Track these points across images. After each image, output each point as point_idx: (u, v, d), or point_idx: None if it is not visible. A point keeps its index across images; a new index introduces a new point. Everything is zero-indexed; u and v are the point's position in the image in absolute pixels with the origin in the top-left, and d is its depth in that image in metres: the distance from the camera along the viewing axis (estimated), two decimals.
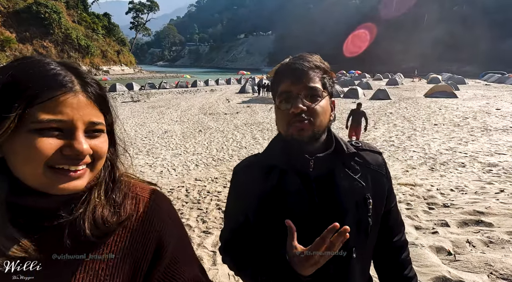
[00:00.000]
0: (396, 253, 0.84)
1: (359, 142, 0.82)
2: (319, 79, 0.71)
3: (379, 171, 0.78)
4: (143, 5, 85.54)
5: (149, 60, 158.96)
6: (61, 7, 50.70)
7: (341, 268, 0.73)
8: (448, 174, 5.41)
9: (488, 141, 7.74)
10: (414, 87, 25.31)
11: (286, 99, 0.70)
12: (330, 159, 0.74)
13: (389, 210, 0.82)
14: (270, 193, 0.73)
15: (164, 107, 16.20)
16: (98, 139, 0.50)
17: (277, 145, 0.78)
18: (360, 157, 0.77)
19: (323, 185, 0.73)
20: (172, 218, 0.59)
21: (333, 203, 0.71)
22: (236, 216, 0.82)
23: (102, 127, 0.50)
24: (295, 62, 0.71)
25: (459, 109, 13.06)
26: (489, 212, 3.09)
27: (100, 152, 0.50)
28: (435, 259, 2.16)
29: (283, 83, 0.71)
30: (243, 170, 0.82)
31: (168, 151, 7.91)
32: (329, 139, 0.77)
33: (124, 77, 48.02)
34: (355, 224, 0.71)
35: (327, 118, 0.73)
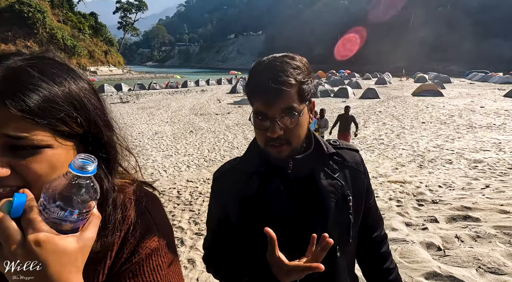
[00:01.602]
0: (376, 247, 0.86)
1: (337, 141, 0.83)
2: (295, 95, 0.65)
3: (357, 168, 0.79)
4: (131, 4, 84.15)
5: (138, 61, 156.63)
6: (46, 6, 49.32)
7: (326, 268, 0.72)
8: (436, 170, 5.54)
9: (473, 138, 7.97)
10: (402, 86, 25.83)
11: (261, 119, 0.67)
12: (309, 159, 0.74)
13: (369, 206, 0.83)
14: (251, 197, 0.73)
15: (154, 108, 15.98)
16: (31, 158, 0.40)
17: (256, 149, 0.77)
18: (338, 156, 0.78)
19: (304, 185, 0.73)
20: (162, 231, 0.55)
21: (314, 203, 0.72)
22: (218, 223, 0.82)
23: (37, 143, 0.40)
24: (269, 80, 0.63)
25: (445, 108, 13.41)
26: (476, 207, 3.18)
27: (31, 174, 0.40)
28: (425, 255, 2.20)
29: (256, 101, 0.66)
30: (223, 176, 0.81)
31: (158, 152, 7.81)
32: (308, 140, 0.76)
33: (113, 78, 47.12)
34: (337, 222, 0.72)
35: (305, 130, 0.72)
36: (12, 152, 0.39)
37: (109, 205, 0.49)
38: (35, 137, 0.40)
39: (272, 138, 0.66)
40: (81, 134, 0.46)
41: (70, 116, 0.43)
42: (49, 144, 0.41)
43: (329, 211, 0.71)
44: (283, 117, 0.65)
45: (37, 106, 0.40)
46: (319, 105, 15.46)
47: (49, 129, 0.41)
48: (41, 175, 0.41)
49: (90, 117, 0.46)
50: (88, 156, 0.39)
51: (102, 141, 0.49)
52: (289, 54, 0.69)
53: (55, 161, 0.42)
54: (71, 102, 0.44)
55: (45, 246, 0.36)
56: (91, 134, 0.47)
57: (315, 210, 0.71)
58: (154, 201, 0.58)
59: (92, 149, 0.48)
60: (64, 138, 0.43)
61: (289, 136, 0.67)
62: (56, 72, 0.44)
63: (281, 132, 0.65)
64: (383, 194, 4.49)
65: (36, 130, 0.40)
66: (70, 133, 0.44)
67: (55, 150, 0.42)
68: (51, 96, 0.42)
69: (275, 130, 0.65)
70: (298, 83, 0.65)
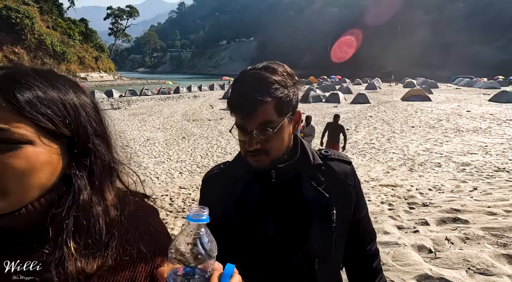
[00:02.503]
0: (367, 262, 0.85)
1: (328, 151, 0.81)
2: (273, 109, 0.65)
3: (347, 181, 0.77)
4: (122, 11, 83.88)
5: (129, 67, 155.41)
6: (34, 12, 48.67)
7: (302, 281, 0.72)
8: (426, 174, 5.66)
9: (461, 141, 8.18)
10: (392, 91, 26.40)
11: (241, 131, 0.69)
12: (294, 168, 0.73)
13: (359, 220, 0.82)
14: (234, 203, 0.73)
15: (146, 115, 15.84)
16: (10, 153, 0.39)
17: (242, 156, 0.77)
18: (327, 167, 0.76)
19: (286, 195, 0.72)
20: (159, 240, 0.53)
21: (296, 214, 0.71)
22: None
23: (18, 138, 0.39)
24: (246, 95, 0.65)
25: (434, 112, 13.75)
26: (464, 209, 3.25)
27: (8, 169, 0.38)
28: (417, 258, 2.23)
29: (236, 114, 0.68)
30: (210, 179, 0.82)
31: (150, 159, 7.72)
32: (294, 148, 0.76)
33: (103, 84, 46.57)
34: (318, 235, 0.70)
35: (286, 142, 0.71)
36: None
37: (96, 220, 0.45)
38: (16, 131, 0.38)
39: (250, 150, 0.67)
40: (68, 138, 0.44)
41: (57, 115, 0.42)
42: (30, 140, 0.40)
43: (311, 223, 0.70)
44: (259, 131, 0.66)
45: (26, 100, 0.40)
46: (311, 110, 15.63)
47: (32, 125, 0.40)
48: (19, 171, 0.39)
49: (79, 122, 0.45)
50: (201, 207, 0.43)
51: (88, 149, 0.47)
52: (272, 65, 0.68)
53: (34, 159, 0.40)
54: (63, 104, 0.43)
55: None
56: (78, 140, 0.45)
57: (295, 221, 0.70)
58: (155, 216, 0.56)
59: (77, 157, 0.46)
60: (48, 138, 0.42)
61: (267, 148, 0.68)
62: (58, 80, 0.45)
63: (258, 145, 0.66)
64: (375, 197, 4.55)
65: (19, 123, 0.39)
66: (55, 133, 0.42)
67: (36, 148, 0.40)
68: (44, 97, 0.42)
69: (252, 144, 0.66)
70: (275, 99, 0.65)
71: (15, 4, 45.12)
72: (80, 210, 0.44)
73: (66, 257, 0.41)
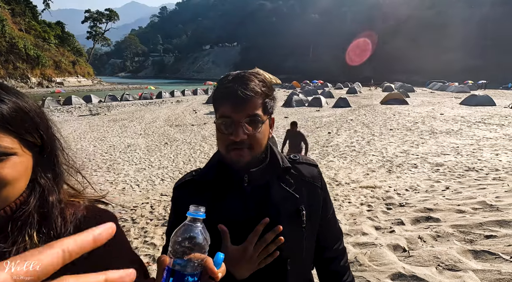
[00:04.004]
0: (335, 261, 0.87)
1: (297, 156, 0.85)
2: (260, 105, 0.70)
3: (314, 183, 0.81)
4: (101, 14, 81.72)
5: (109, 72, 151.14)
6: (5, 15, 46.39)
7: (276, 280, 0.74)
8: (403, 175, 5.88)
9: (435, 143, 8.58)
10: (371, 95, 27.33)
11: (226, 123, 0.70)
12: (264, 172, 0.75)
13: (326, 220, 0.85)
14: (206, 209, 0.74)
15: (126, 120, 15.42)
16: (0, 164, 0.44)
17: (215, 161, 0.79)
18: (295, 170, 0.80)
19: (258, 198, 0.75)
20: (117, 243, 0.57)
21: (268, 216, 0.72)
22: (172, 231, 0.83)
23: (6, 150, 0.44)
24: (238, 88, 0.68)
25: (410, 115, 14.36)
26: (436, 208, 3.41)
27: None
28: (392, 257, 2.31)
29: (223, 106, 0.70)
30: (180, 187, 0.82)
31: (131, 166, 7.51)
32: (265, 153, 0.79)
33: (81, 89, 44.94)
34: (289, 236, 0.72)
35: (266, 140, 0.75)
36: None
37: (58, 217, 0.51)
38: (4, 144, 0.44)
39: (234, 142, 0.69)
40: (39, 146, 0.50)
41: (33, 127, 0.48)
42: (16, 152, 0.45)
43: (282, 225, 0.72)
44: (248, 122, 0.69)
45: (9, 114, 0.45)
46: (294, 114, 15.85)
47: (16, 138, 0.46)
48: (8, 179, 0.44)
49: (46, 131, 0.51)
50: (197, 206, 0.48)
51: (52, 155, 0.53)
52: (254, 73, 0.75)
53: (19, 168, 0.46)
54: (31, 115, 0.48)
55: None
56: (45, 148, 0.51)
57: (268, 224, 0.71)
58: (109, 216, 0.60)
59: (41, 161, 0.51)
60: (27, 148, 0.47)
61: (252, 142, 0.70)
62: (12, 90, 0.49)
63: (245, 136, 0.68)
64: (355, 199, 4.67)
65: (5, 138, 0.44)
66: (32, 143, 0.48)
67: (20, 157, 0.46)
68: (17, 108, 0.46)
69: (239, 134, 0.68)
70: (264, 95, 0.71)
71: None
72: (47, 208, 0.50)
73: (28, 247, 0.46)
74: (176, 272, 0.43)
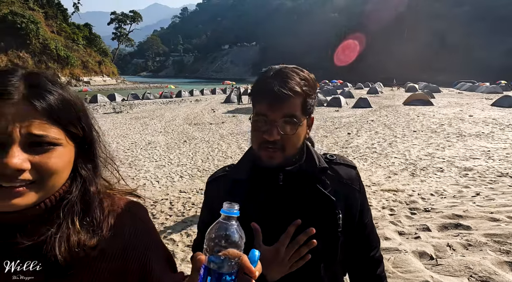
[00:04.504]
0: (371, 269, 0.83)
1: (334, 155, 0.81)
2: (299, 104, 0.67)
3: (352, 185, 0.77)
4: (125, 16, 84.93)
5: (132, 71, 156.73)
6: (39, 18, 49.42)
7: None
8: (428, 178, 5.60)
9: (463, 146, 8.12)
10: (393, 95, 26.38)
11: (261, 121, 0.68)
12: (300, 172, 0.72)
13: (363, 225, 0.80)
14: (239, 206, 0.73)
15: (147, 118, 15.90)
16: (46, 154, 0.45)
17: (249, 157, 0.77)
18: (332, 171, 0.76)
19: (292, 199, 0.72)
20: (147, 230, 0.60)
21: (302, 217, 0.70)
22: (204, 225, 0.84)
23: (51, 140, 0.45)
24: (276, 84, 0.65)
25: (436, 117, 13.69)
26: (467, 215, 3.21)
27: (46, 168, 0.45)
28: (418, 264, 2.19)
29: (260, 103, 0.68)
30: (213, 182, 0.82)
31: (151, 163, 7.72)
32: (301, 153, 0.75)
33: (106, 88, 46.93)
34: (323, 239, 0.69)
35: (301, 141, 0.72)
36: (30, 149, 0.44)
37: (97, 207, 0.53)
38: (52, 135, 0.46)
39: (267, 141, 0.66)
40: (81, 138, 0.51)
41: (77, 119, 0.50)
42: (61, 142, 0.47)
43: (317, 228, 0.69)
44: (283, 123, 0.66)
45: (56, 106, 0.46)
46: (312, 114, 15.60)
47: (62, 129, 0.47)
48: (54, 169, 0.46)
49: (87, 123, 0.53)
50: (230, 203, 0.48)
51: (93, 146, 0.54)
52: (299, 68, 0.72)
53: (64, 158, 0.48)
54: (75, 107, 0.50)
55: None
56: (86, 140, 0.52)
57: (302, 225, 0.69)
58: (142, 209, 0.62)
59: (83, 152, 0.53)
60: (70, 139, 0.49)
61: (285, 143, 0.67)
62: (57, 81, 0.51)
63: (278, 137, 0.66)
64: (376, 202, 4.51)
65: (53, 129, 0.46)
66: (75, 135, 0.50)
67: (64, 148, 0.48)
68: (63, 99, 0.48)
69: (273, 134, 0.65)
70: (304, 94, 0.67)
71: (20, 9, 45.89)
72: (88, 197, 0.52)
73: (71, 233, 0.48)
74: (213, 271, 0.42)
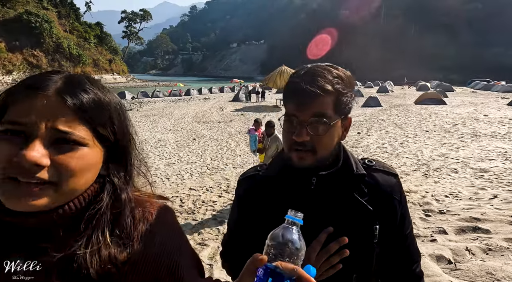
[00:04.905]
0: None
1: (372, 161, 0.76)
2: (331, 103, 0.63)
3: (391, 194, 0.72)
4: (135, 14, 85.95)
5: (141, 69, 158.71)
6: (53, 17, 50.48)
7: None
8: (442, 180, 5.47)
9: (478, 146, 7.89)
10: (404, 94, 25.87)
11: (290, 122, 0.65)
12: (335, 177, 0.68)
13: (403, 237, 0.75)
14: (268, 207, 0.70)
15: (157, 116, 16.07)
16: (69, 153, 0.42)
17: (281, 158, 0.74)
18: (371, 178, 0.72)
19: (326, 205, 0.68)
20: (177, 238, 0.58)
21: (334, 224, 0.66)
22: (234, 227, 0.83)
23: (76, 139, 0.43)
24: (305, 83, 0.62)
25: (449, 116, 13.36)
26: (485, 218, 3.11)
27: (66, 168, 0.42)
28: (436, 268, 2.13)
29: (289, 104, 0.65)
30: (244, 181, 0.81)
31: (161, 160, 7.79)
32: (337, 156, 0.72)
33: (116, 86, 47.67)
34: (358, 250, 0.66)
35: (334, 144, 0.68)
36: (54, 145, 0.42)
37: (129, 216, 0.51)
38: (78, 134, 0.43)
39: (297, 142, 0.64)
40: (111, 142, 0.49)
41: (109, 122, 0.48)
42: (87, 143, 0.44)
43: (350, 237, 0.66)
44: (312, 123, 0.63)
45: (87, 104, 0.44)
46: None
47: (90, 129, 0.45)
48: (75, 170, 0.43)
49: (121, 127, 0.50)
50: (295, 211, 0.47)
51: (126, 153, 0.52)
52: (335, 66, 0.68)
53: (89, 160, 0.45)
54: (109, 110, 0.48)
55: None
56: (119, 144, 0.50)
57: (334, 234, 0.65)
58: (172, 215, 0.61)
59: (114, 159, 0.51)
60: (99, 141, 0.46)
61: (315, 145, 0.64)
62: (97, 83, 0.50)
63: (307, 138, 0.63)
64: None
65: (80, 128, 0.43)
66: (105, 138, 0.47)
67: (90, 150, 0.45)
68: (97, 100, 0.46)
69: (301, 134, 0.62)
70: (336, 92, 0.63)
71: (35, 9, 46.99)
72: (119, 207, 0.50)
73: (101, 246, 0.45)
74: (276, 273, 0.42)
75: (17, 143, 0.40)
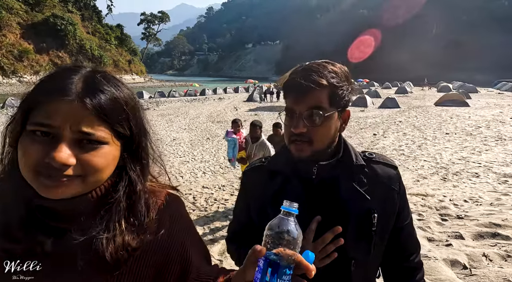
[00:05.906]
0: (410, 274, 0.80)
1: (373, 153, 0.79)
2: (326, 96, 0.67)
3: (391, 186, 0.75)
4: (154, 16, 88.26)
5: (159, 70, 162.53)
6: (77, 19, 52.80)
7: (340, 279, 0.72)
8: (461, 184, 5.26)
9: (503, 150, 7.50)
10: (424, 95, 24.99)
11: (289, 115, 0.70)
12: (335, 167, 0.72)
13: (402, 228, 0.77)
14: (272, 197, 0.74)
15: (173, 115, 16.43)
16: (92, 152, 0.47)
17: (285, 151, 0.78)
18: (370, 169, 0.74)
19: (325, 193, 0.72)
20: (183, 223, 0.62)
21: (333, 212, 0.70)
22: (240, 216, 0.88)
23: (98, 139, 0.47)
24: (301, 77, 0.66)
25: (471, 118, 12.78)
26: (506, 224, 2.97)
27: (90, 165, 0.46)
28: (450, 273, 2.07)
29: (287, 98, 0.70)
30: (249, 173, 0.85)
31: (176, 158, 7.97)
32: (338, 147, 0.75)
33: (135, 86, 49.10)
34: (355, 236, 0.69)
35: (331, 135, 0.71)
36: (79, 145, 0.46)
37: (142, 206, 0.54)
38: (99, 134, 0.47)
39: (295, 134, 0.67)
40: (127, 138, 0.52)
41: (126, 119, 0.50)
42: (107, 141, 0.48)
43: (348, 224, 0.69)
44: (308, 115, 0.66)
45: (106, 105, 0.47)
46: None
47: (109, 128, 0.48)
48: (98, 167, 0.47)
49: (137, 124, 0.53)
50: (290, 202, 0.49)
51: (141, 147, 0.55)
52: (331, 62, 0.72)
53: (109, 157, 0.49)
54: (125, 108, 0.50)
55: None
56: (135, 139, 0.53)
57: (333, 220, 0.69)
58: (182, 205, 0.65)
59: (130, 153, 0.54)
60: (117, 138, 0.50)
61: (312, 136, 0.67)
62: (113, 80, 0.52)
63: (304, 129, 0.66)
64: None
65: (101, 128, 0.47)
66: (122, 134, 0.50)
67: (110, 147, 0.49)
68: (114, 99, 0.49)
69: (298, 126, 0.66)
70: (330, 86, 0.67)
71: (61, 12, 49.31)
72: (134, 198, 0.53)
73: (117, 233, 0.49)
74: (274, 263, 0.43)
75: (46, 143, 0.44)
